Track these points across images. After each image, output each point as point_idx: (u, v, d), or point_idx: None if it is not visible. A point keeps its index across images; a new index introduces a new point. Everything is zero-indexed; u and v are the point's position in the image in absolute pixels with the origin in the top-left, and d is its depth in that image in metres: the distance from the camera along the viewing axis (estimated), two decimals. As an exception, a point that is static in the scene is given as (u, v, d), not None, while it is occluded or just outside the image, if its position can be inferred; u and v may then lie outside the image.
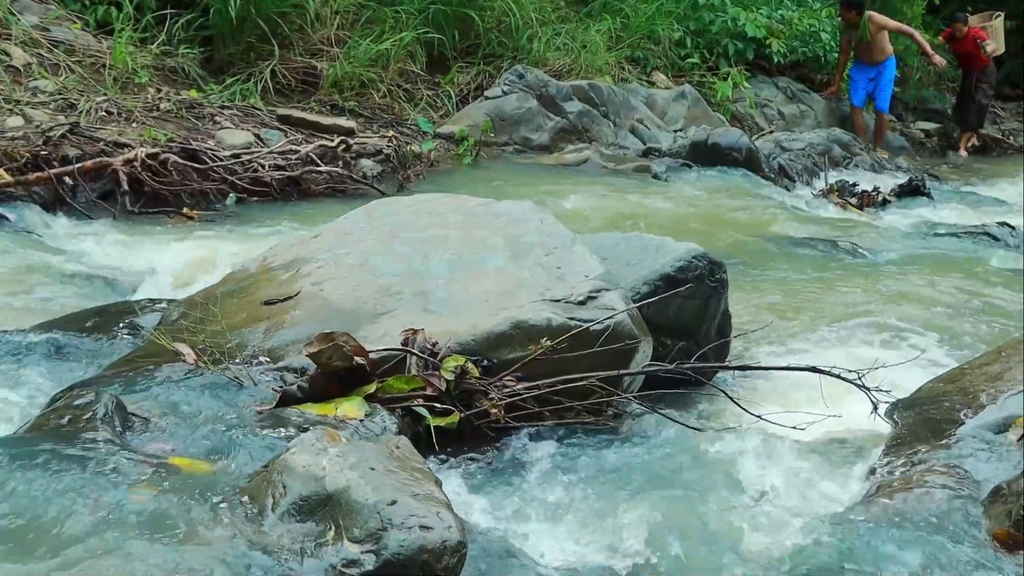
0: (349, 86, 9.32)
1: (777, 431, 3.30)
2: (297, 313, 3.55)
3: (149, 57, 8.47)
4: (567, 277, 3.57)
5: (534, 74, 9.87)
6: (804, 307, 5.12)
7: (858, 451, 3.39)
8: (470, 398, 3.21)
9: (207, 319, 3.60)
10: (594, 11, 11.69)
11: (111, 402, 2.83)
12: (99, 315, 4.04)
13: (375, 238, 3.87)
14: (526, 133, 9.51)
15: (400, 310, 3.48)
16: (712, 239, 6.43)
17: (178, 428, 2.84)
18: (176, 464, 2.62)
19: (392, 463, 2.47)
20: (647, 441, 3.27)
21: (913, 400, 3.64)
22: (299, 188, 7.32)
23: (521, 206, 4.06)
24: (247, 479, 2.53)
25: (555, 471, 3.08)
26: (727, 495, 3.00)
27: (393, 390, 3.14)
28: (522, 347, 3.30)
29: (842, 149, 10.99)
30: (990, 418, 3.32)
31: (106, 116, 7.44)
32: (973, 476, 2.97)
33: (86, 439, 2.65)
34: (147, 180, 6.55)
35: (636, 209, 7.42)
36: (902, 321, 4.87)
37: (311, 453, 2.45)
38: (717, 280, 4.02)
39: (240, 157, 7.18)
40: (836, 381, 3.40)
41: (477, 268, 3.65)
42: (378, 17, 9.77)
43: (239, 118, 8.21)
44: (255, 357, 3.38)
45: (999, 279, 5.91)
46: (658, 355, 3.69)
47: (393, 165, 8.05)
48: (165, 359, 3.29)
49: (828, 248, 6.65)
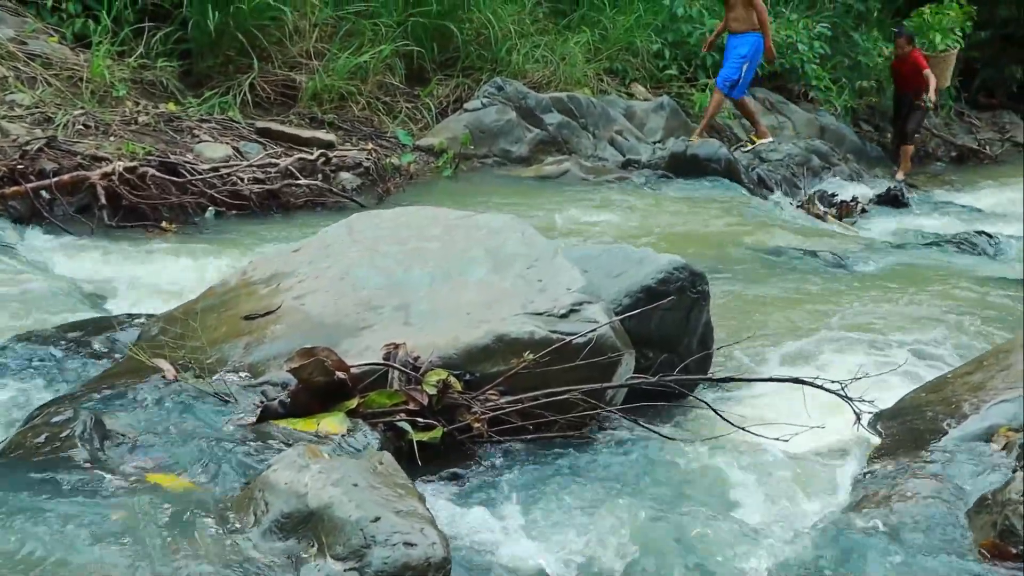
0: (328, 99, 9.31)
1: (761, 443, 3.30)
2: (278, 328, 3.52)
3: (127, 70, 8.44)
4: (549, 289, 3.56)
5: (513, 86, 9.88)
6: (785, 318, 5.12)
7: (842, 462, 3.39)
8: (453, 412, 3.19)
9: (187, 334, 3.57)
10: (573, 23, 11.71)
11: (89, 419, 2.80)
12: (77, 330, 4.01)
13: (356, 251, 3.85)
14: (505, 145, 9.52)
15: (381, 324, 3.46)
16: (693, 250, 6.43)
17: (158, 445, 2.81)
18: (156, 481, 2.59)
19: (375, 479, 2.45)
20: (630, 454, 3.26)
21: (896, 410, 3.64)
22: (278, 202, 7.29)
23: (502, 218, 4.05)
24: (228, 496, 2.51)
25: (538, 485, 3.06)
26: (711, 507, 2.99)
27: (375, 405, 3.12)
28: (504, 360, 3.28)
29: (820, 159, 11.04)
30: (973, 428, 3.33)
31: (84, 130, 7.40)
32: (958, 486, 2.98)
33: (64, 457, 2.62)
34: (125, 194, 6.51)
35: (616, 220, 7.43)
36: (883, 331, 4.87)
37: (293, 470, 2.43)
38: (699, 292, 4.01)
39: (219, 170, 7.15)
40: (819, 392, 3.40)
41: (458, 281, 3.63)
42: (357, 30, 9.76)
43: (218, 131, 8.18)
44: (236, 372, 3.35)
45: (978, 288, 5.93)
46: (641, 367, 3.68)
47: (373, 178, 8.04)
48: (144, 375, 3.26)
49: (808, 258, 6.67)
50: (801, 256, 6.72)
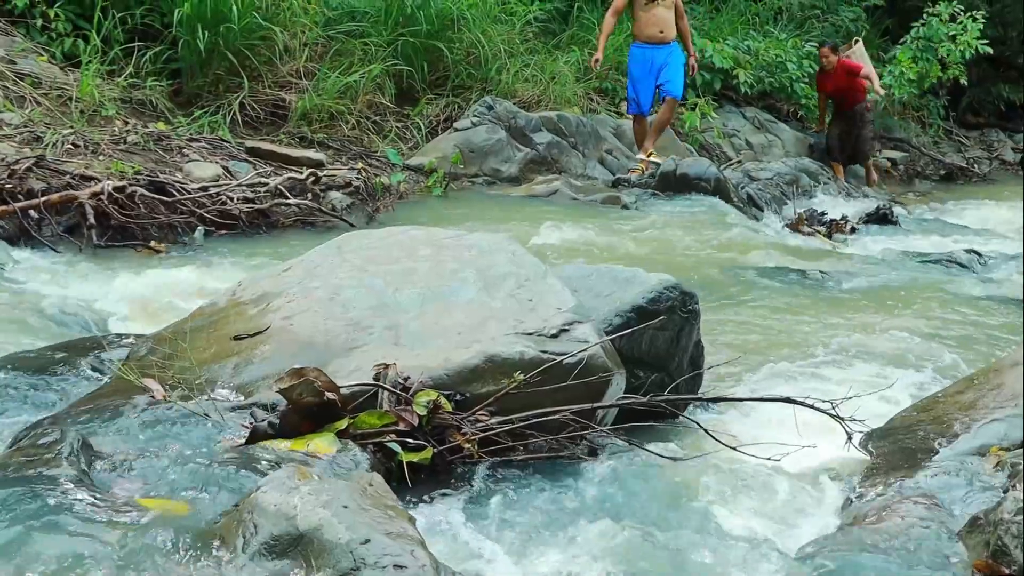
0: (318, 118, 9.31)
1: (752, 462, 3.29)
2: (267, 348, 3.51)
3: (116, 90, 8.43)
4: (539, 309, 3.55)
5: (503, 105, 9.89)
6: (776, 337, 5.12)
7: (833, 481, 3.38)
8: (443, 433, 3.18)
9: (176, 354, 3.55)
10: (562, 43, 11.75)
11: (76, 440, 2.78)
12: (65, 350, 3.99)
13: (346, 271, 3.84)
14: (495, 164, 9.52)
15: (371, 344, 3.45)
16: (683, 269, 6.44)
17: (146, 466, 2.79)
18: (144, 504, 2.57)
19: (365, 500, 2.44)
20: (621, 474, 3.25)
21: (887, 430, 3.64)
22: (268, 221, 7.28)
23: (492, 238, 4.04)
24: (217, 518, 2.49)
25: (529, 506, 3.05)
26: (702, 527, 2.98)
27: (365, 425, 3.10)
28: (495, 381, 3.27)
29: (810, 178, 11.06)
30: (965, 447, 3.32)
31: (72, 149, 7.38)
32: (950, 506, 2.97)
33: (50, 479, 2.60)
34: (114, 213, 6.49)
35: (607, 240, 7.43)
36: (874, 350, 4.88)
37: (282, 491, 2.41)
38: (689, 311, 4.01)
39: (208, 190, 7.14)
40: (810, 411, 3.40)
41: (449, 301, 3.62)
42: (347, 49, 9.77)
43: (207, 151, 8.17)
44: (225, 393, 3.33)
45: (968, 306, 5.95)
46: (631, 387, 3.67)
47: (362, 197, 8.03)
48: (133, 395, 3.24)
49: (798, 277, 6.67)
50: (791, 275, 6.72)
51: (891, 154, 14.20)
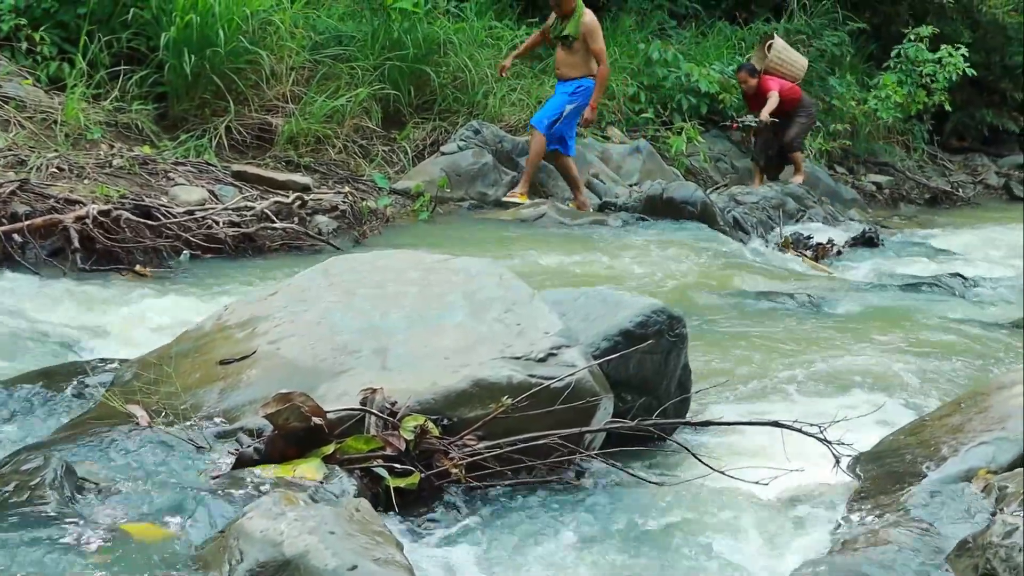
0: (305, 142, 9.31)
1: (740, 486, 3.28)
2: (253, 372, 3.49)
3: (102, 113, 8.43)
4: (527, 333, 3.55)
5: (490, 129, 9.91)
6: (763, 360, 5.12)
7: (821, 505, 3.37)
8: (430, 458, 3.17)
9: (161, 380, 3.53)
10: (549, 67, 11.77)
11: (61, 467, 2.76)
12: (48, 376, 3.96)
13: (333, 295, 3.83)
14: (482, 188, 9.53)
15: (359, 368, 3.44)
16: (670, 293, 6.45)
17: (131, 493, 2.77)
18: (129, 531, 2.55)
19: (352, 526, 2.42)
20: (609, 498, 3.25)
21: (875, 453, 3.63)
22: (254, 245, 7.26)
23: (479, 262, 4.04)
24: (202, 545, 2.47)
25: (517, 531, 3.04)
26: (690, 551, 2.98)
27: (352, 451, 3.09)
28: (483, 405, 3.27)
29: (796, 202, 11.10)
30: (953, 470, 3.32)
31: (57, 172, 7.36)
32: (938, 529, 2.97)
33: (34, 506, 2.58)
34: (99, 237, 6.47)
35: (593, 264, 7.43)
36: (861, 374, 4.88)
37: (268, 517, 2.39)
38: (677, 335, 4.00)
39: (194, 213, 7.12)
40: (798, 435, 3.39)
41: (436, 324, 3.62)
42: (333, 73, 9.79)
43: (193, 174, 8.16)
44: (210, 418, 3.32)
45: (954, 330, 5.96)
46: (619, 411, 3.67)
47: (349, 221, 8.03)
48: (117, 421, 3.22)
49: (785, 301, 6.68)
50: (778, 299, 6.73)
51: (876, 178, 14.28)
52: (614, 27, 12.59)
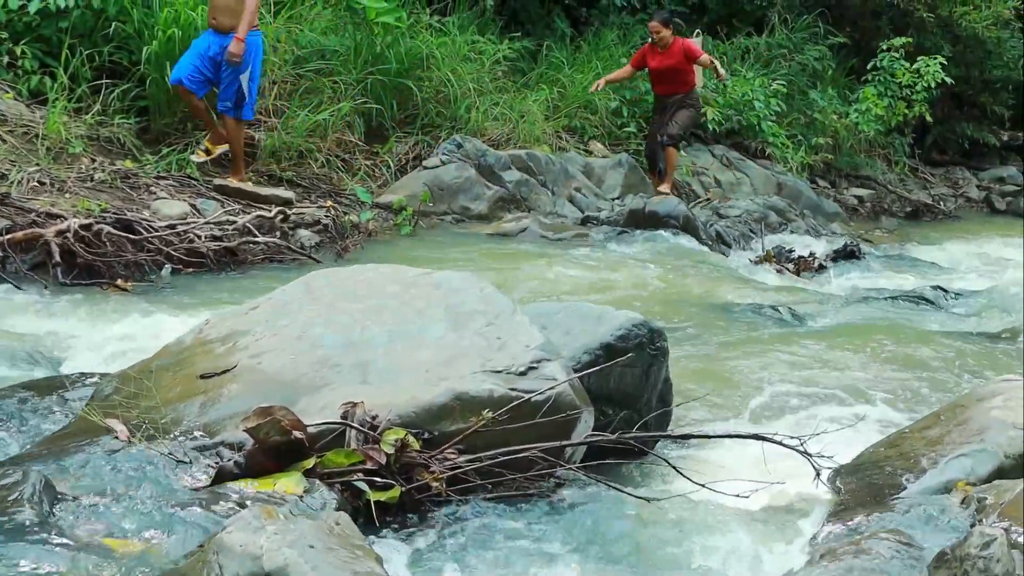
0: (287, 156, 9.29)
1: (721, 499, 3.29)
2: (234, 387, 3.49)
3: (84, 127, 8.39)
4: (508, 347, 3.55)
5: (472, 144, 9.91)
6: (744, 373, 5.13)
7: (802, 518, 3.39)
8: (411, 471, 3.17)
9: (141, 394, 3.52)
10: (532, 81, 11.79)
11: (39, 481, 2.75)
12: (27, 389, 3.95)
13: (314, 309, 3.83)
14: (465, 202, 9.53)
15: (339, 382, 3.44)
16: (651, 307, 6.46)
17: (110, 508, 2.76)
18: (108, 545, 2.55)
19: (332, 540, 2.42)
20: (590, 511, 3.25)
21: (855, 466, 3.65)
22: (236, 259, 7.24)
23: (460, 276, 4.04)
24: (182, 559, 2.46)
25: (497, 544, 3.04)
26: (670, 564, 2.98)
27: (332, 464, 3.09)
28: (463, 419, 3.27)
29: (778, 215, 11.13)
30: (931, 482, 3.35)
31: (38, 186, 7.33)
32: (917, 541, 2.98)
33: (12, 520, 2.56)
34: (80, 251, 6.44)
35: (575, 277, 7.44)
36: (842, 387, 4.90)
37: (248, 531, 2.39)
38: (657, 348, 4.01)
39: (176, 228, 7.11)
40: (779, 448, 3.41)
41: (417, 338, 3.62)
42: (316, 87, 9.78)
43: (175, 188, 8.14)
44: (191, 432, 3.31)
45: (935, 342, 5.98)
46: (600, 425, 3.67)
47: (331, 235, 8.02)
48: (97, 436, 3.21)
49: (767, 314, 6.70)
50: (759, 312, 6.75)
51: (858, 191, 14.32)
52: (596, 41, 12.61)
